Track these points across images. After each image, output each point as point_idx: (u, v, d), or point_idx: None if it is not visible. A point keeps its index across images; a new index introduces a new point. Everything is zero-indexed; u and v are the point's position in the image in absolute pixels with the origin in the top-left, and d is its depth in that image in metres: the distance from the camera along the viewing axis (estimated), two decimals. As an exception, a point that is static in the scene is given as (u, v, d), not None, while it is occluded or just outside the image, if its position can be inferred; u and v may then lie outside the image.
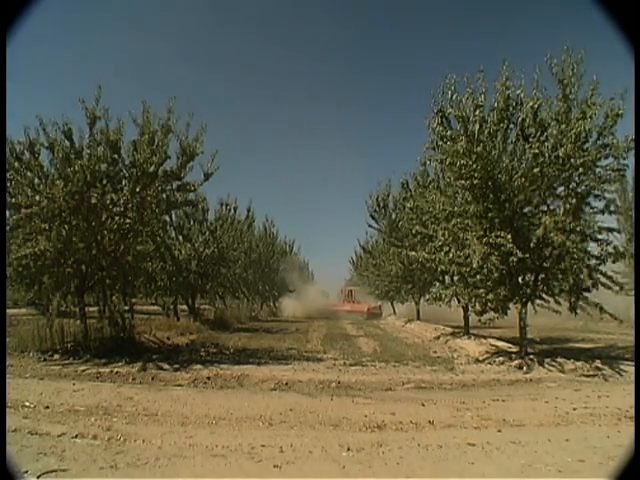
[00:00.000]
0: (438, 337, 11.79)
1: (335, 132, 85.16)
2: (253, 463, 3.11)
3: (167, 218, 11.01)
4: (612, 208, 7.38)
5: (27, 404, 4.44)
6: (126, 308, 8.78)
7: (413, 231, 10.38)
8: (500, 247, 7.05)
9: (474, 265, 7.11)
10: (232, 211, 17.08)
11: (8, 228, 7.25)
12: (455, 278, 8.55)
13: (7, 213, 7.31)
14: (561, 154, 6.83)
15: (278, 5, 70.42)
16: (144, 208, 7.94)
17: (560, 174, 7.08)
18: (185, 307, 14.73)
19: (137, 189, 7.76)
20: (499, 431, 3.90)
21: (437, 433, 3.84)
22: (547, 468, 3.06)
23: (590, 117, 6.84)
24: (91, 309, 8.70)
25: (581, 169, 6.95)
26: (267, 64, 76.83)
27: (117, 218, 7.89)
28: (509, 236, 7.01)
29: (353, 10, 67.75)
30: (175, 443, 3.45)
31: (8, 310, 9.57)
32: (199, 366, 6.86)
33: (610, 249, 7.15)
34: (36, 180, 7.40)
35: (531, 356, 7.58)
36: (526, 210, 7.72)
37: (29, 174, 7.40)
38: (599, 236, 7.20)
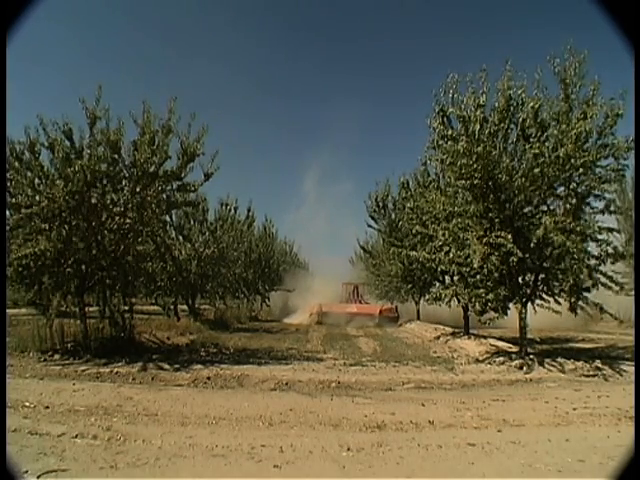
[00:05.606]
0: (438, 337, 11.80)
1: (335, 131, 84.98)
2: (253, 463, 3.11)
3: (167, 218, 10.99)
4: (612, 208, 7.38)
5: (27, 404, 4.45)
6: (126, 308, 8.76)
7: (413, 231, 10.37)
8: (500, 247, 7.05)
9: (474, 265, 7.11)
10: (232, 211, 17.10)
11: (8, 228, 7.25)
12: (455, 278, 8.55)
13: (7, 213, 7.31)
14: (561, 154, 6.82)
15: (280, 5, 70.47)
16: (144, 208, 7.92)
17: (560, 174, 7.08)
18: (185, 307, 14.73)
19: (137, 189, 7.75)
20: (499, 431, 3.90)
21: (437, 433, 3.85)
22: (547, 468, 3.06)
23: (591, 117, 6.84)
24: (91, 309, 8.70)
25: (581, 169, 6.95)
26: (265, 60, 76.84)
27: (117, 218, 7.88)
28: (509, 236, 7.01)
29: (353, 9, 67.77)
30: (175, 443, 3.45)
31: (8, 310, 9.57)
32: (199, 366, 6.86)
33: (610, 249, 7.15)
34: (36, 180, 7.38)
35: (531, 356, 7.58)
36: (526, 210, 7.71)
37: (29, 174, 7.38)
38: (599, 236, 7.19)
